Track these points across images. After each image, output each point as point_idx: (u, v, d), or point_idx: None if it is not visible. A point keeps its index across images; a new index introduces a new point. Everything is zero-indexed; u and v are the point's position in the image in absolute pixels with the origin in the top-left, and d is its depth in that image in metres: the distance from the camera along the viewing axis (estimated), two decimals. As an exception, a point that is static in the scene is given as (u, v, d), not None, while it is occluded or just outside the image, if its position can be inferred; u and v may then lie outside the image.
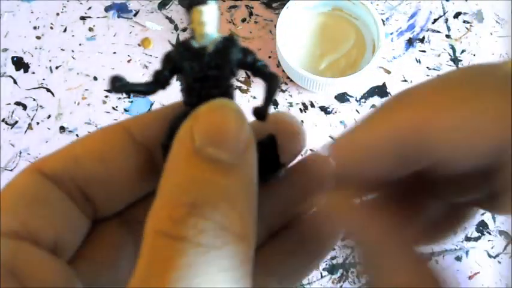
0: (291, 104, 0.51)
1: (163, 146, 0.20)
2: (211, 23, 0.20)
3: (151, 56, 0.54)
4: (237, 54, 0.20)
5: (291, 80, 0.52)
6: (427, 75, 0.52)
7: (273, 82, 0.20)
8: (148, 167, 0.21)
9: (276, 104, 0.52)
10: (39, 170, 0.20)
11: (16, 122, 0.52)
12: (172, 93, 0.23)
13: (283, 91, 0.52)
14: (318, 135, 0.51)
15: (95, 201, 0.21)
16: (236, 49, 0.20)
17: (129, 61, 0.54)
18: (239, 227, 0.17)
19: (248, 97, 0.52)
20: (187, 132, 0.18)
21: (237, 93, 0.52)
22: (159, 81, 0.20)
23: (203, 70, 0.20)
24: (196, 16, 0.20)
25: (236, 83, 0.52)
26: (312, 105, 0.52)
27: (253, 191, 0.19)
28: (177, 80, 0.21)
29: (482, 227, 0.48)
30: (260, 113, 0.20)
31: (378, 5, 0.54)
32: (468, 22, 0.54)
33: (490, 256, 0.47)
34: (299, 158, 0.23)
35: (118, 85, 0.20)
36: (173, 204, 0.17)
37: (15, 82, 0.53)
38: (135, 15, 0.55)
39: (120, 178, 0.21)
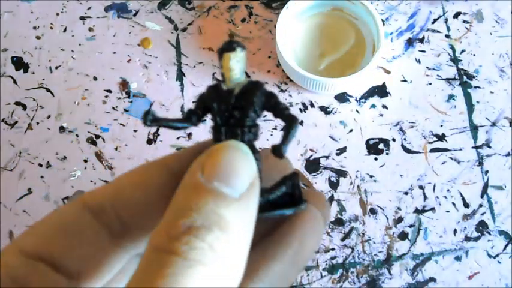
0: (290, 104, 0.52)
1: None
2: (238, 69, 0.22)
3: (151, 56, 0.54)
4: (261, 98, 0.23)
5: (291, 80, 0.52)
6: (427, 75, 0.52)
7: (292, 123, 0.22)
8: None
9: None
10: (83, 202, 0.23)
11: (16, 122, 0.52)
12: (171, 96, 0.23)
13: (283, 91, 0.52)
14: (318, 135, 0.51)
15: (132, 230, 0.23)
16: (260, 93, 0.22)
17: (129, 61, 0.54)
18: (229, 251, 0.19)
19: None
20: (198, 165, 0.21)
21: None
22: (190, 119, 0.23)
23: (228, 110, 0.22)
24: (225, 62, 0.22)
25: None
26: (312, 105, 0.52)
27: (251, 221, 0.21)
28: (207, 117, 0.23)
29: (482, 227, 0.48)
30: (278, 150, 0.22)
31: (377, 5, 0.54)
32: (468, 22, 0.54)
33: (490, 256, 0.47)
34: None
35: (151, 119, 0.22)
36: (173, 224, 0.19)
37: (15, 82, 0.53)
38: (134, 15, 0.55)
39: (157, 208, 0.23)
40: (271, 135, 0.51)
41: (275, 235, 0.23)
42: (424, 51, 0.53)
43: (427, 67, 0.52)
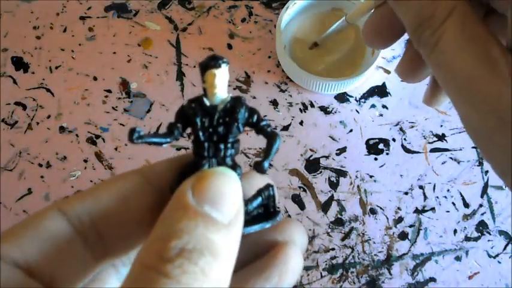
0: (290, 104, 0.52)
1: (172, 189, 0.22)
2: (222, 85, 0.22)
3: (151, 56, 0.54)
4: (244, 114, 0.23)
5: (291, 80, 0.52)
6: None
7: (273, 140, 0.23)
8: (161, 210, 0.24)
9: (275, 103, 0.52)
10: (59, 208, 0.23)
11: (16, 122, 0.52)
12: (171, 96, 0.23)
13: (283, 91, 0.52)
14: (318, 135, 0.51)
15: (108, 240, 0.23)
16: (243, 109, 0.23)
17: (129, 61, 0.54)
18: (218, 275, 0.19)
19: (248, 97, 0.52)
20: (189, 186, 0.21)
21: (236, 93, 0.52)
22: (172, 133, 0.23)
23: (212, 126, 0.23)
24: (210, 78, 0.22)
25: (236, 83, 0.52)
26: (312, 105, 0.52)
27: (236, 247, 0.21)
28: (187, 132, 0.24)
29: (482, 227, 0.48)
30: (260, 167, 0.23)
31: (377, 5, 0.54)
32: (468, 22, 0.54)
33: (490, 256, 0.47)
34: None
35: (135, 137, 0.22)
36: (165, 245, 0.19)
37: (15, 82, 0.53)
38: (134, 15, 0.55)
39: (134, 218, 0.23)
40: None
41: (256, 265, 0.24)
42: (424, 51, 0.53)
43: (427, 67, 0.52)
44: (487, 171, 0.49)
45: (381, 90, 0.52)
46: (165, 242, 0.19)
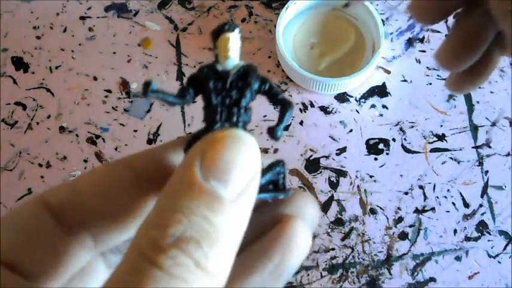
0: (291, 104, 0.52)
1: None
2: (235, 50, 0.22)
3: (151, 56, 0.54)
4: (257, 79, 0.23)
5: (291, 80, 0.52)
6: (427, 75, 0.52)
7: (286, 107, 0.23)
8: (147, 201, 0.23)
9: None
10: (43, 201, 0.22)
11: (16, 122, 0.52)
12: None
13: (283, 91, 0.52)
14: (318, 135, 0.51)
15: (94, 235, 0.22)
16: (256, 74, 0.23)
17: (129, 61, 0.54)
18: (215, 266, 0.18)
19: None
20: (196, 157, 0.19)
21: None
22: (185, 96, 0.22)
23: (225, 90, 0.22)
24: (224, 42, 0.22)
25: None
26: (312, 105, 0.52)
27: (242, 230, 0.19)
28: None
29: (482, 227, 0.48)
30: (273, 132, 0.23)
31: (377, 5, 0.54)
32: (468, 22, 0.54)
33: (490, 256, 0.47)
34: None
35: (150, 90, 0.21)
36: (161, 231, 0.18)
37: (15, 82, 0.53)
38: (134, 15, 0.55)
39: (119, 212, 0.22)
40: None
41: (258, 245, 0.23)
42: (424, 51, 0.53)
43: (427, 67, 0.52)
44: (487, 171, 0.49)
45: (381, 90, 0.52)
46: (163, 226, 0.18)
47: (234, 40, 0.22)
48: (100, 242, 0.23)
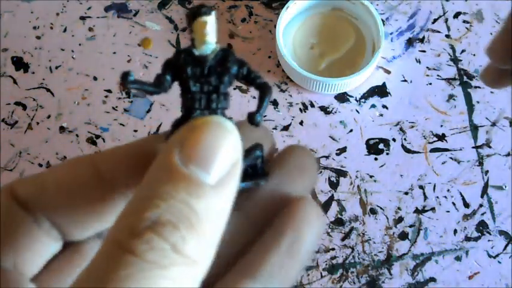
0: (290, 104, 0.52)
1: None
2: (212, 33, 0.21)
3: (151, 56, 0.54)
4: (235, 64, 0.22)
5: (291, 80, 0.52)
6: (427, 75, 0.52)
7: (266, 91, 0.22)
8: (112, 200, 0.23)
9: (275, 103, 0.52)
10: (12, 192, 0.22)
11: (16, 122, 0.52)
12: (171, 96, 0.23)
13: (283, 91, 0.52)
14: (318, 135, 0.51)
15: (61, 229, 0.22)
16: (233, 59, 0.22)
17: (129, 61, 0.54)
18: (194, 251, 0.17)
19: (248, 97, 0.52)
20: (176, 143, 0.19)
21: (237, 93, 0.52)
22: (162, 84, 0.22)
23: (203, 76, 0.21)
24: (201, 26, 0.21)
25: (236, 83, 0.52)
26: (312, 105, 0.52)
27: (224, 217, 0.19)
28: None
29: (482, 227, 0.48)
30: (253, 118, 0.22)
31: (377, 5, 0.54)
32: (468, 22, 0.54)
33: (490, 256, 0.47)
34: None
35: (129, 80, 0.21)
36: (137, 216, 0.17)
37: (15, 82, 0.53)
38: (135, 15, 0.55)
39: (84, 210, 0.22)
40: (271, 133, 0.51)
41: (271, 226, 0.22)
42: (424, 51, 0.53)
43: (427, 67, 0.52)
44: (487, 171, 0.49)
45: (381, 90, 0.52)
46: (139, 212, 0.17)
47: (211, 24, 0.21)
48: (67, 235, 0.23)
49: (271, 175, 0.22)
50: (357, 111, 0.51)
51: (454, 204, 0.49)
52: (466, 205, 0.49)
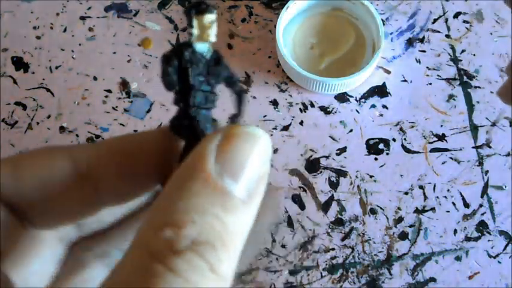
0: (290, 104, 0.52)
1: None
2: (215, 30, 0.22)
3: (151, 56, 0.54)
4: (227, 67, 0.22)
5: (291, 80, 0.52)
6: (427, 75, 0.52)
7: (243, 97, 0.23)
8: (88, 196, 0.22)
9: (275, 103, 0.52)
10: None
11: (16, 122, 0.52)
12: (171, 96, 0.23)
13: (283, 91, 0.52)
14: (318, 135, 0.51)
15: (33, 220, 0.22)
16: (224, 62, 0.22)
17: (129, 61, 0.54)
18: (225, 269, 0.17)
19: (248, 97, 0.52)
20: (209, 152, 0.18)
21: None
22: (173, 81, 0.22)
23: (203, 74, 0.22)
24: (209, 23, 0.22)
25: (236, 83, 0.52)
26: (312, 105, 0.52)
27: (248, 230, 0.19)
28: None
29: (482, 227, 0.48)
30: (236, 121, 0.23)
31: (377, 5, 0.54)
32: (468, 22, 0.54)
33: (490, 256, 0.47)
34: None
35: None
36: (176, 233, 0.17)
37: (15, 82, 0.53)
38: (135, 15, 0.55)
39: (58, 204, 0.22)
40: (272, 135, 0.51)
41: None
42: (424, 51, 0.53)
43: (427, 67, 0.52)
44: (487, 171, 0.49)
45: (380, 90, 0.52)
46: (177, 226, 0.17)
47: (213, 20, 0.22)
48: (40, 226, 0.22)
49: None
50: (357, 111, 0.51)
51: (454, 204, 0.49)
52: (466, 205, 0.49)
